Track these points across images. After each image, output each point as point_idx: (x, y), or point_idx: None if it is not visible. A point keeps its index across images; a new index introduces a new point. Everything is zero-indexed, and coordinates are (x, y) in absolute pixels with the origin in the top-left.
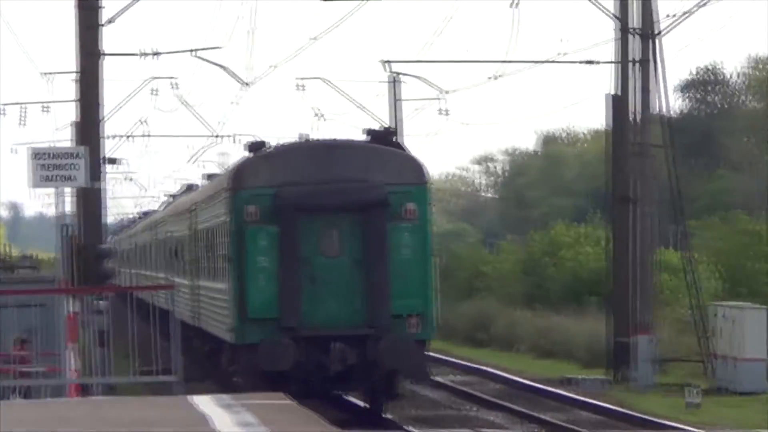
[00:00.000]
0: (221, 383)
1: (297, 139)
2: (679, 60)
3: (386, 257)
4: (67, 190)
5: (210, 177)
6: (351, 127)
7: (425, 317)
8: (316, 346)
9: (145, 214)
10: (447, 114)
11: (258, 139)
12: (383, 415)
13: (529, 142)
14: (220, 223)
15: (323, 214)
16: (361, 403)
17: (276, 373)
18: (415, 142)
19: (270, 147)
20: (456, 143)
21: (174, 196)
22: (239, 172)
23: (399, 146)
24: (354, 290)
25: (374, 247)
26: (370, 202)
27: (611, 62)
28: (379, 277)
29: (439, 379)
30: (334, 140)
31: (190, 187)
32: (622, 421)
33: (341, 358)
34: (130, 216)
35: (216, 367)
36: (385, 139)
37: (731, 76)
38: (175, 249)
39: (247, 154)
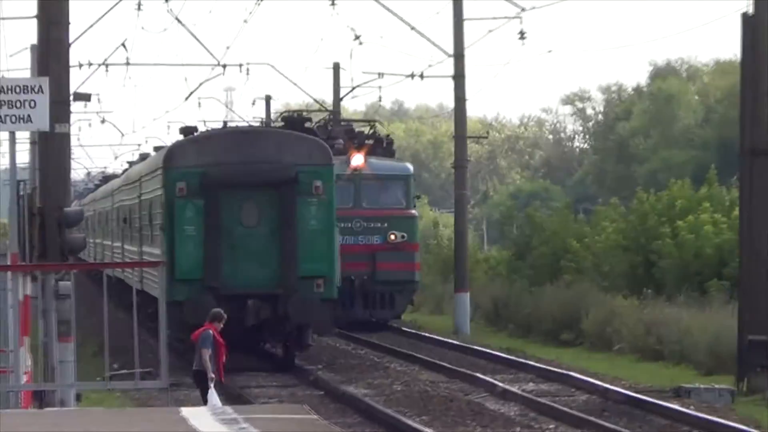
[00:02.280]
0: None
1: (226, 125)
2: None
3: (296, 227)
4: (22, 134)
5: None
6: (399, 53)
7: (329, 279)
8: (235, 303)
9: (106, 178)
10: (525, 38)
11: (189, 126)
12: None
13: (636, 77)
14: (157, 197)
15: (242, 190)
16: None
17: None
18: (484, 74)
19: (199, 132)
20: (539, 77)
21: (131, 164)
22: (171, 153)
23: (311, 131)
24: (268, 256)
25: (286, 218)
26: (282, 180)
27: None
28: (289, 244)
29: (510, 387)
30: (252, 127)
31: (144, 157)
32: None
33: (256, 314)
34: (108, 171)
35: (153, 322)
36: (300, 125)
37: None
38: (126, 217)
39: (179, 137)
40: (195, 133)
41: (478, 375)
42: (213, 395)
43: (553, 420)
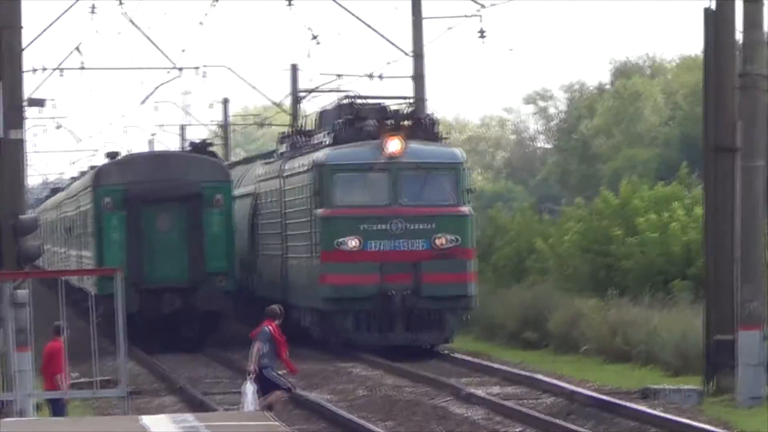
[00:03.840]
0: None
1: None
2: None
3: (202, 233)
4: None
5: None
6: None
7: (230, 275)
8: (153, 295)
9: (54, 190)
10: (485, 36)
11: (113, 150)
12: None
13: (598, 76)
14: (89, 209)
15: (157, 203)
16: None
17: (126, 315)
18: (443, 73)
19: (121, 156)
20: (500, 76)
21: (74, 179)
22: (99, 174)
23: (213, 154)
24: (180, 256)
25: (193, 226)
26: (189, 195)
27: None
28: (197, 247)
29: (475, 391)
30: (165, 151)
31: (83, 173)
32: None
33: (170, 304)
34: (65, 177)
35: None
36: (204, 149)
37: None
38: (69, 227)
39: (105, 160)
40: (118, 157)
41: (443, 379)
42: (249, 389)
43: (519, 423)
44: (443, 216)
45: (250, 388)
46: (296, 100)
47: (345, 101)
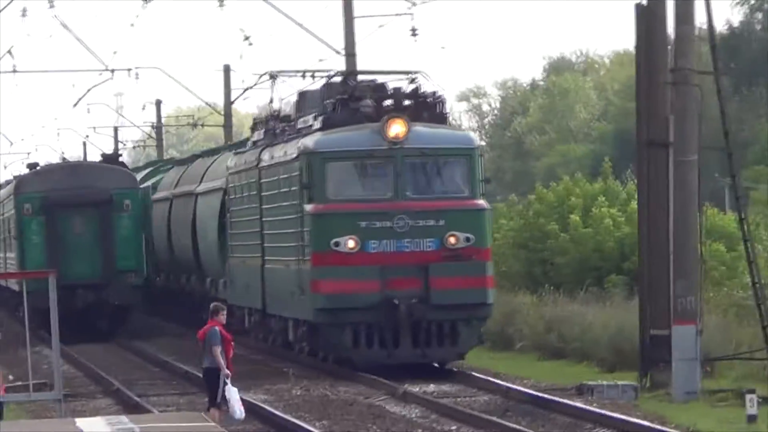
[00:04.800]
0: None
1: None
2: None
3: (113, 234)
4: None
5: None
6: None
7: (139, 271)
8: (70, 291)
9: None
10: (417, 35)
11: (32, 162)
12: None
13: (532, 72)
14: (12, 215)
15: (73, 209)
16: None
17: (45, 309)
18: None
19: (40, 166)
20: (432, 74)
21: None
22: (20, 183)
23: (122, 164)
24: (93, 255)
25: (105, 228)
26: (101, 201)
27: None
28: (108, 247)
29: (410, 389)
30: (79, 162)
31: (8, 182)
32: None
33: (84, 299)
34: None
35: (17, 310)
36: (114, 160)
37: None
38: None
39: (26, 170)
40: (37, 168)
41: (378, 378)
42: (232, 391)
43: (455, 421)
44: (455, 211)
45: (233, 391)
46: (229, 99)
47: (335, 79)
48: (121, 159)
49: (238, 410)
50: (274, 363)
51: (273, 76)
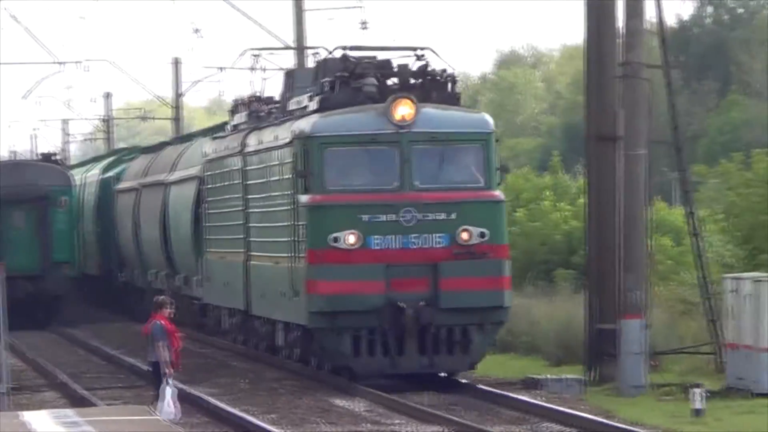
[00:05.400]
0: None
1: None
2: None
3: (49, 228)
4: None
5: None
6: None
7: (72, 264)
8: (11, 282)
9: None
10: (367, 28)
11: None
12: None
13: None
14: None
15: (13, 204)
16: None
17: None
18: None
19: None
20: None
21: None
22: None
23: (58, 163)
24: (32, 248)
25: (42, 222)
26: (39, 197)
27: None
28: (45, 240)
29: (357, 383)
30: (20, 160)
31: None
32: None
33: (23, 289)
34: None
35: None
36: (51, 159)
37: None
38: None
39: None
40: None
41: (326, 372)
42: (167, 391)
43: (401, 415)
44: (469, 203)
45: (168, 391)
46: (178, 92)
47: (333, 54)
48: (58, 158)
49: (167, 409)
50: (221, 357)
51: (221, 68)
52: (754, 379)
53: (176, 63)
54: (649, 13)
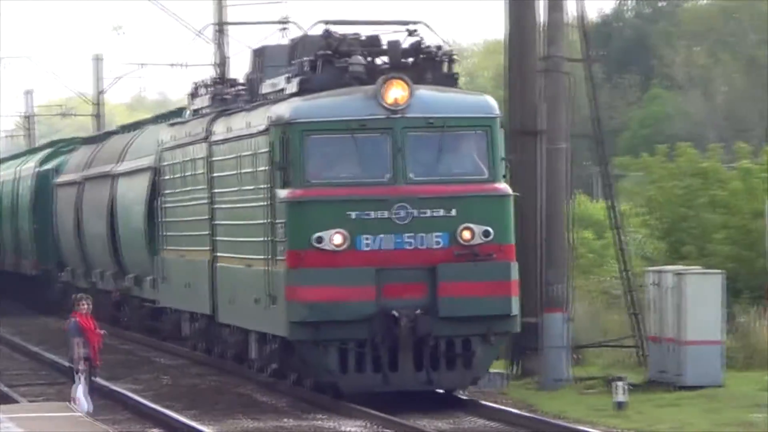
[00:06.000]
0: None
1: None
2: None
3: None
4: None
5: None
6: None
7: None
8: None
9: None
10: (287, 28)
11: None
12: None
13: None
14: None
15: None
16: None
17: None
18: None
19: None
20: None
21: None
22: None
23: None
24: None
25: None
26: None
27: None
28: None
29: (280, 380)
30: None
31: None
32: (524, 427)
33: None
34: None
35: None
36: None
37: None
38: None
39: None
40: None
41: (248, 368)
42: (78, 390)
43: (323, 411)
44: (471, 197)
45: (78, 390)
46: (99, 89)
47: (314, 30)
48: None
49: (80, 403)
50: (143, 353)
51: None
52: (676, 372)
53: (97, 59)
54: (571, 7)
